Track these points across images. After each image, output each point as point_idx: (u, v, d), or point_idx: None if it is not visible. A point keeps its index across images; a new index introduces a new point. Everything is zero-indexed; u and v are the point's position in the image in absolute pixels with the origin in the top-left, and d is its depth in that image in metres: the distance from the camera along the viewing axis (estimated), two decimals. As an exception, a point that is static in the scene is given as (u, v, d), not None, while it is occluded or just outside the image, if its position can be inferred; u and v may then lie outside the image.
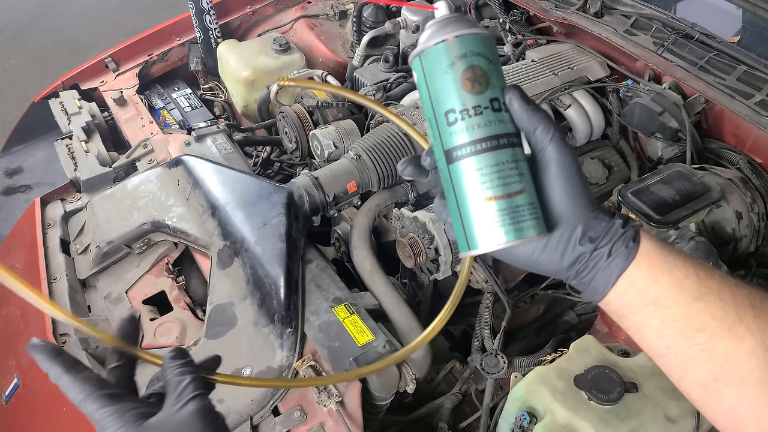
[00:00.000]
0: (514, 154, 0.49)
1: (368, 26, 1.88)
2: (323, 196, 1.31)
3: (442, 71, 0.49)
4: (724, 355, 0.44)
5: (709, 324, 0.45)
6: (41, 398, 1.21)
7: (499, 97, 0.49)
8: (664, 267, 0.47)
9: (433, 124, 0.51)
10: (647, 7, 1.63)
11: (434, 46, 0.50)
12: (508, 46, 1.71)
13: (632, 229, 0.49)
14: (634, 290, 0.48)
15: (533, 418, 0.98)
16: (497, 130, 0.48)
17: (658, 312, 0.47)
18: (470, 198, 0.49)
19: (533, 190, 0.49)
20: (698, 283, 0.46)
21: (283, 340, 1.10)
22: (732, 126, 1.39)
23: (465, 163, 0.49)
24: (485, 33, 0.50)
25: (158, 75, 2.00)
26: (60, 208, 1.48)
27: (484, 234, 0.49)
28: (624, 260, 0.48)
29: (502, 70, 0.51)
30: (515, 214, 0.48)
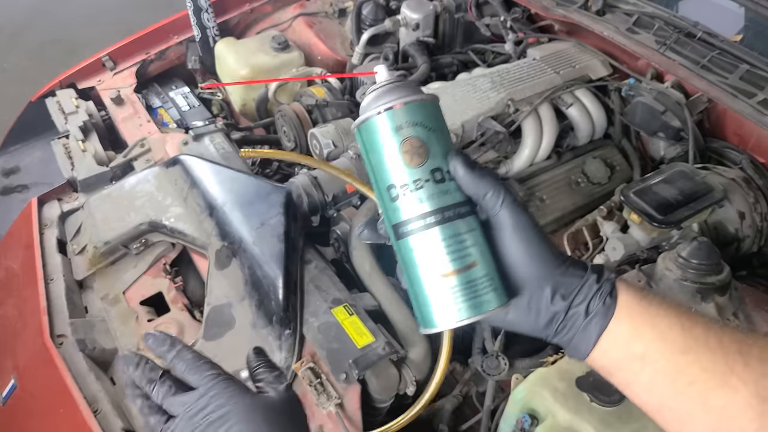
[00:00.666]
0: (464, 225, 0.46)
1: (368, 24, 1.87)
2: (322, 195, 1.30)
3: (378, 145, 0.47)
4: (719, 408, 0.43)
5: (700, 377, 0.44)
6: (38, 400, 1.20)
7: (441, 167, 0.47)
8: (647, 320, 0.46)
9: (378, 198, 0.49)
10: (649, 6, 1.62)
11: (368, 120, 0.48)
12: (509, 44, 1.70)
13: (608, 283, 0.47)
14: (618, 347, 0.46)
15: (534, 420, 0.97)
16: (442, 202, 0.46)
17: (646, 368, 0.45)
18: (421, 274, 0.47)
19: (490, 258, 0.47)
20: (684, 334, 0.45)
21: (281, 342, 1.10)
22: (735, 125, 1.39)
23: (412, 239, 0.47)
24: (420, 99, 0.47)
25: (156, 74, 1.99)
26: (57, 208, 1.47)
27: (438, 312, 0.47)
28: (603, 318, 0.46)
29: (445, 134, 0.48)
30: (470, 288, 0.45)
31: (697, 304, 1.13)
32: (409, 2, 1.81)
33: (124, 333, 1.21)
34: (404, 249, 0.48)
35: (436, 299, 0.46)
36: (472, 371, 1.21)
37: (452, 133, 1.37)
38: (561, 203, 1.46)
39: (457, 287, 0.46)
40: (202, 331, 1.15)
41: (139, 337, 1.21)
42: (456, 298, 0.46)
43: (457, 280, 0.46)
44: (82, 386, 1.09)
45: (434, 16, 1.81)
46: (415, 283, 0.48)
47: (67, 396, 1.08)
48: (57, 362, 1.12)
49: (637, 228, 1.22)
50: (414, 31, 1.80)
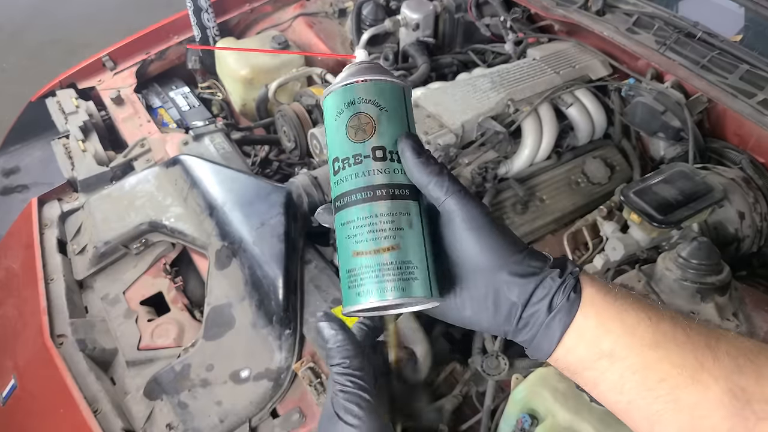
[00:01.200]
0: (395, 206, 0.45)
1: (368, 24, 1.87)
2: (322, 195, 1.30)
3: (332, 118, 0.48)
4: (690, 406, 0.41)
5: (670, 373, 0.42)
6: (38, 399, 1.20)
7: (386, 146, 0.46)
8: (614, 314, 0.43)
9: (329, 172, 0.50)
10: (649, 6, 1.62)
11: (329, 94, 0.49)
12: (509, 44, 1.70)
13: (572, 277, 0.44)
14: (584, 344, 0.44)
15: (534, 420, 0.97)
16: (374, 180, 0.46)
17: (615, 365, 0.43)
18: (342, 252, 0.47)
19: (420, 247, 0.45)
20: (652, 328, 0.43)
21: (281, 342, 1.10)
22: (734, 125, 1.39)
23: (342, 213, 0.47)
24: (379, 79, 0.47)
25: (156, 74, 1.99)
26: (57, 208, 1.47)
27: (348, 292, 0.46)
28: (567, 314, 0.43)
29: (402, 118, 0.48)
30: (384, 272, 0.44)
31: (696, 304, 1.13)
32: (409, 2, 1.81)
33: (124, 333, 1.21)
34: (336, 223, 0.48)
35: (348, 279, 0.46)
36: (472, 371, 1.21)
37: (452, 132, 1.36)
38: (561, 203, 1.46)
39: (367, 268, 0.45)
40: (202, 331, 1.15)
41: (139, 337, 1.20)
42: (365, 280, 0.45)
43: (371, 260, 0.45)
44: (82, 386, 1.09)
45: (434, 16, 1.81)
46: (340, 259, 0.48)
47: (67, 396, 1.08)
48: (57, 362, 1.12)
49: (637, 228, 1.22)
50: (414, 31, 1.80)
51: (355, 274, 0.45)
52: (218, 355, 1.11)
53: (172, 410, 1.06)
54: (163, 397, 1.08)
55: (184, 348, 1.16)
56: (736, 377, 0.41)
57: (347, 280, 0.46)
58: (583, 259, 1.43)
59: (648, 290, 1.14)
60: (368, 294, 0.45)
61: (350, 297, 0.46)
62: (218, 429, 1.03)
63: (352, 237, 0.46)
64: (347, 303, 0.46)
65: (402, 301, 0.44)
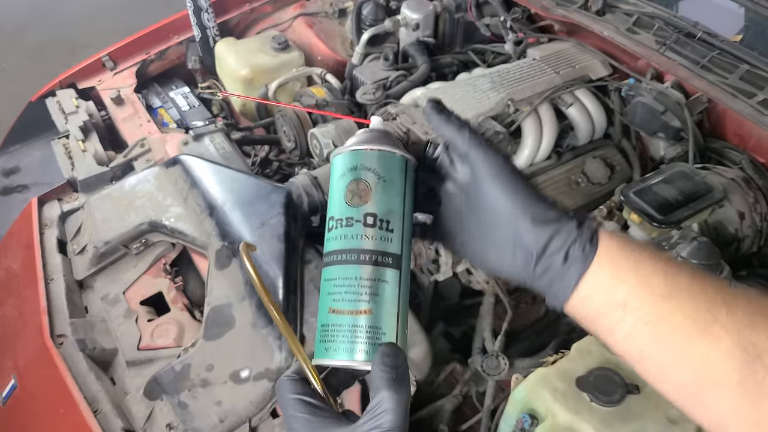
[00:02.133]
0: (375, 272, 0.47)
1: (368, 24, 1.87)
2: (322, 195, 1.30)
3: (336, 178, 0.51)
4: (701, 357, 0.42)
5: (682, 324, 0.43)
6: (38, 400, 1.20)
7: (377, 214, 0.48)
8: (630, 265, 0.45)
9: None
10: (649, 6, 1.62)
11: (338, 154, 0.52)
12: (509, 44, 1.70)
13: (588, 230, 0.46)
14: (599, 293, 0.45)
15: (534, 420, 0.97)
16: (360, 244, 0.48)
17: (628, 315, 0.44)
18: (322, 306, 0.49)
19: (391, 316, 0.47)
20: (666, 281, 0.44)
21: (281, 342, 1.10)
22: (735, 125, 1.39)
23: (327, 269, 0.49)
24: (384, 150, 0.50)
25: (156, 74, 1.99)
26: (57, 208, 1.47)
27: (320, 345, 0.48)
28: (582, 264, 0.45)
29: (399, 190, 0.50)
30: (352, 333, 0.46)
31: (697, 304, 1.13)
32: (409, 2, 1.81)
33: (124, 333, 1.21)
34: (322, 277, 0.51)
35: (323, 331, 0.48)
36: (472, 371, 1.21)
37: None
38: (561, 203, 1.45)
39: (343, 327, 0.47)
40: (202, 331, 1.15)
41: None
42: (337, 337, 0.47)
43: (345, 320, 0.47)
44: (82, 386, 1.09)
45: (434, 16, 1.81)
46: (319, 311, 0.50)
47: (67, 396, 1.08)
48: (57, 362, 1.12)
49: (637, 228, 1.22)
50: (414, 31, 1.80)
51: (329, 329, 0.48)
52: (218, 355, 1.11)
53: (172, 410, 1.06)
54: (163, 397, 1.08)
55: (184, 348, 1.16)
56: (748, 332, 0.41)
57: (320, 333, 0.49)
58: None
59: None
60: (337, 352, 0.47)
61: (320, 350, 0.48)
62: (218, 429, 1.03)
63: (331, 294, 0.48)
64: (318, 354, 0.48)
65: (367, 366, 0.46)
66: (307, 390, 0.47)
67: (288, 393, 0.47)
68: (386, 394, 0.43)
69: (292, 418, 0.46)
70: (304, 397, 0.46)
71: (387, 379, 0.44)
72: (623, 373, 0.97)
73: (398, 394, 0.43)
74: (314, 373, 0.48)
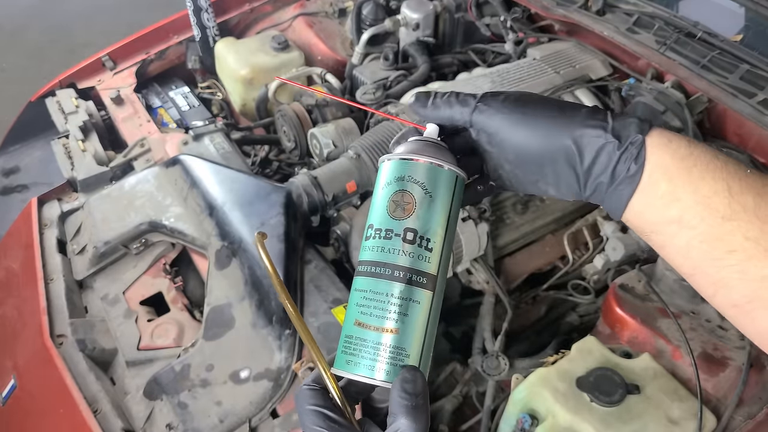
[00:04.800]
0: (408, 291, 0.46)
1: (368, 24, 1.87)
2: (322, 195, 1.30)
3: (381, 185, 0.49)
4: (759, 278, 0.40)
5: (742, 245, 0.40)
6: (38, 399, 1.20)
7: (418, 230, 0.47)
8: (687, 183, 0.42)
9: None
10: (649, 6, 1.62)
11: (387, 160, 0.49)
12: (509, 44, 1.70)
13: (633, 147, 0.43)
14: (652, 210, 0.43)
15: (534, 420, 0.97)
16: (396, 260, 0.46)
17: (683, 232, 0.42)
18: (349, 315, 0.48)
19: (418, 338, 0.46)
20: (730, 200, 0.41)
21: (281, 342, 1.09)
22: (735, 125, 1.38)
23: (359, 279, 0.48)
24: (436, 164, 0.47)
25: (156, 74, 1.99)
26: (57, 208, 1.47)
27: (341, 356, 0.47)
28: (629, 185, 0.43)
29: (445, 209, 0.48)
30: (375, 351, 0.45)
31: (697, 304, 1.13)
32: (409, 2, 1.81)
33: (124, 333, 1.21)
34: (353, 285, 0.49)
35: (346, 342, 0.47)
36: (472, 371, 1.21)
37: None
38: (561, 203, 1.45)
39: (367, 343, 0.46)
40: (202, 331, 1.15)
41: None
42: (360, 352, 0.46)
43: (370, 335, 0.46)
44: (82, 386, 1.09)
45: (434, 16, 1.81)
46: (345, 319, 0.49)
47: (67, 396, 1.08)
48: (57, 362, 1.12)
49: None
50: (414, 31, 1.80)
51: (352, 342, 0.47)
52: (218, 355, 1.10)
53: (172, 410, 1.06)
54: (163, 397, 1.07)
55: (184, 348, 1.16)
56: None
57: (344, 343, 0.47)
58: (583, 259, 1.43)
59: (648, 290, 1.14)
60: (358, 367, 0.46)
61: (341, 360, 0.47)
62: (218, 429, 1.03)
63: (359, 306, 0.47)
64: (338, 364, 0.47)
65: (387, 385, 0.45)
66: (326, 402, 0.46)
67: (307, 404, 0.46)
68: (405, 423, 0.43)
69: (310, 430, 0.45)
70: (322, 410, 0.45)
71: (406, 406, 0.43)
72: (623, 373, 0.97)
73: (417, 423, 0.43)
74: (334, 383, 0.47)
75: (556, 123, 0.45)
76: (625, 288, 1.14)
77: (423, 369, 0.47)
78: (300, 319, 0.50)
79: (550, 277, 1.41)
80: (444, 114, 0.48)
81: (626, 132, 0.44)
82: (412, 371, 0.45)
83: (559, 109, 0.46)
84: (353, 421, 0.47)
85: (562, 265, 1.43)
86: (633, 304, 1.11)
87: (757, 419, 0.96)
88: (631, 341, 1.08)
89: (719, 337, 1.06)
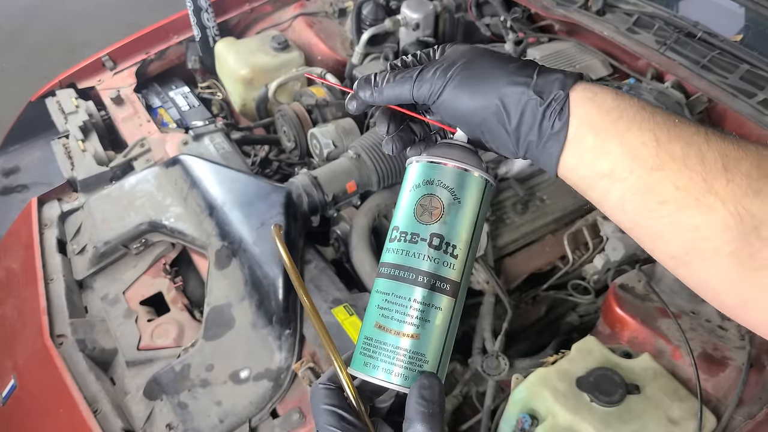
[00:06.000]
0: (430, 297, 0.46)
1: (368, 24, 1.87)
2: (322, 195, 1.30)
3: (409, 187, 0.48)
4: (692, 227, 0.40)
5: (673, 195, 0.40)
6: (38, 399, 1.20)
7: (444, 236, 0.46)
8: (614, 135, 0.42)
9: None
10: (649, 6, 1.62)
11: (417, 162, 0.49)
12: (509, 44, 1.70)
13: (556, 102, 0.43)
14: (584, 164, 0.43)
15: (534, 420, 0.97)
16: (421, 265, 0.46)
17: (615, 185, 0.42)
18: (369, 316, 0.48)
19: (437, 345, 0.46)
20: (657, 149, 0.41)
21: (281, 342, 1.10)
22: (735, 125, 1.38)
23: (380, 281, 0.48)
24: (467, 169, 0.47)
25: (156, 74, 1.99)
26: (57, 208, 1.47)
27: (359, 356, 0.47)
28: (556, 142, 0.43)
29: (472, 216, 0.47)
30: (394, 355, 0.45)
31: (697, 304, 1.13)
32: (409, 2, 1.81)
33: (124, 333, 1.21)
34: (374, 286, 0.49)
35: (365, 344, 0.47)
36: (472, 371, 1.21)
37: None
38: (561, 203, 1.45)
39: (387, 346, 0.46)
40: (202, 331, 1.15)
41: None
42: (378, 355, 0.46)
43: (390, 339, 0.46)
44: (82, 386, 1.09)
45: (434, 16, 1.81)
46: (364, 320, 0.49)
47: (67, 396, 1.08)
48: (57, 362, 1.12)
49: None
50: (414, 30, 1.80)
51: (371, 344, 0.46)
52: (218, 355, 1.10)
53: (172, 410, 1.06)
54: (163, 397, 1.07)
55: (184, 348, 1.16)
56: (749, 201, 0.39)
57: (362, 344, 0.47)
58: (583, 259, 1.43)
59: (648, 290, 1.14)
60: (375, 369, 0.46)
61: (359, 361, 0.47)
62: (218, 429, 1.03)
63: (381, 309, 0.47)
64: (355, 365, 0.47)
65: (404, 389, 0.45)
66: (341, 402, 0.46)
67: (321, 403, 0.46)
68: (421, 429, 0.42)
69: (324, 429, 0.45)
70: (337, 410, 0.45)
71: (423, 413, 0.43)
72: (623, 373, 0.97)
73: (433, 430, 0.43)
74: (350, 383, 0.47)
75: (484, 83, 0.45)
76: (625, 288, 1.14)
77: (441, 376, 0.46)
78: (317, 315, 0.50)
79: (550, 277, 1.41)
80: (388, 97, 0.47)
81: (549, 88, 0.44)
82: (430, 378, 0.45)
83: (488, 67, 0.45)
84: (368, 423, 0.46)
85: (562, 265, 1.43)
86: (633, 304, 1.11)
87: (757, 419, 0.96)
88: (631, 341, 1.08)
89: (719, 337, 1.06)
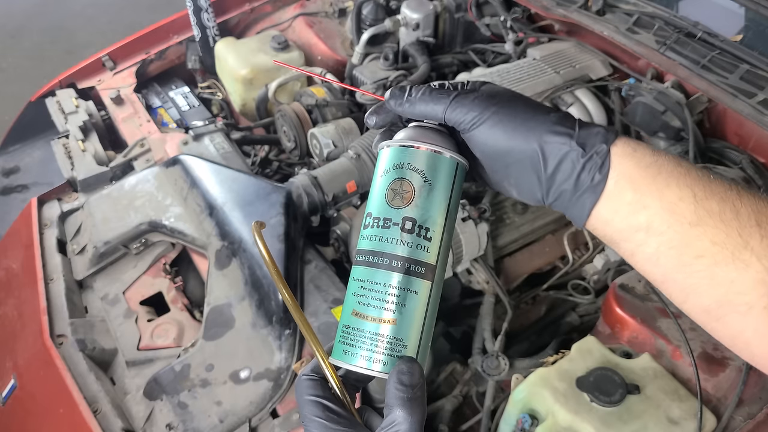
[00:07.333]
0: (405, 281, 0.45)
1: (368, 24, 1.87)
2: (322, 195, 1.30)
3: (380, 173, 0.48)
4: (727, 282, 0.41)
5: (709, 250, 0.41)
6: (38, 399, 1.20)
7: (417, 219, 0.46)
8: (653, 190, 0.42)
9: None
10: (649, 6, 1.62)
11: (388, 147, 0.48)
12: (509, 44, 1.70)
13: (597, 156, 0.43)
14: (619, 218, 0.44)
15: (534, 420, 0.97)
16: (394, 250, 0.45)
17: (651, 239, 0.43)
18: (346, 304, 0.47)
19: (415, 329, 0.46)
20: (695, 205, 0.41)
21: (281, 342, 1.10)
22: (735, 125, 1.38)
23: (356, 269, 0.47)
24: (436, 151, 0.46)
25: (156, 73, 1.99)
26: (57, 208, 1.47)
27: (339, 345, 0.46)
28: (592, 194, 0.43)
29: (444, 197, 0.47)
30: (373, 342, 0.45)
31: (697, 304, 1.13)
32: (409, 2, 1.81)
33: (124, 333, 1.21)
34: (351, 274, 0.48)
35: (343, 332, 0.47)
36: (472, 371, 1.21)
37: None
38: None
39: (365, 334, 0.45)
40: (202, 331, 1.15)
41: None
42: (357, 343, 0.46)
43: (368, 326, 0.45)
44: (82, 386, 1.09)
45: (434, 16, 1.81)
46: (343, 309, 0.48)
47: (67, 396, 1.08)
48: (57, 362, 1.12)
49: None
50: (414, 30, 1.80)
51: (350, 332, 0.46)
52: (218, 355, 1.11)
53: (171, 410, 1.06)
54: (163, 397, 1.08)
55: (184, 348, 1.16)
56: None
57: (341, 333, 0.47)
58: (583, 259, 1.43)
59: (648, 290, 1.14)
60: (355, 357, 0.46)
61: (339, 350, 0.47)
62: (218, 429, 1.03)
63: (357, 296, 0.46)
64: (335, 354, 0.47)
65: (386, 375, 0.45)
66: (325, 392, 0.46)
67: (306, 394, 0.46)
68: (401, 415, 0.42)
69: (309, 420, 0.45)
70: (322, 400, 0.45)
71: (402, 398, 0.43)
72: (623, 373, 0.97)
73: (413, 416, 0.42)
74: (333, 373, 0.46)
75: (525, 125, 0.45)
76: (625, 288, 1.14)
77: (421, 360, 0.46)
78: (298, 308, 0.49)
79: (550, 277, 1.41)
80: (419, 110, 0.47)
81: (591, 141, 0.44)
82: (408, 362, 0.45)
83: (529, 112, 0.46)
84: (353, 411, 0.46)
85: (562, 265, 1.43)
86: (633, 304, 1.11)
87: (757, 419, 0.96)
88: (631, 341, 1.08)
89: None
